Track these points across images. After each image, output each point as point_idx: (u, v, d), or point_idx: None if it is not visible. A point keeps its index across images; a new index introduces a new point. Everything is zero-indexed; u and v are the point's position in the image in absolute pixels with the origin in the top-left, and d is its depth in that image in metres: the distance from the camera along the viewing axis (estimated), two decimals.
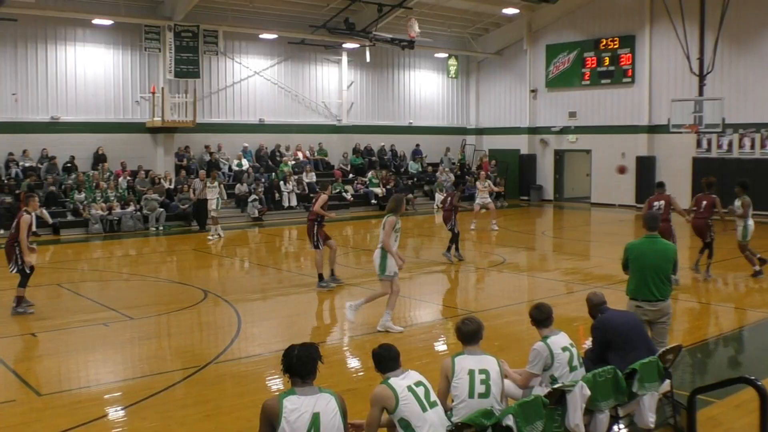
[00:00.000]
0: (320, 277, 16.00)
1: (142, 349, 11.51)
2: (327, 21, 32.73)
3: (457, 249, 19.48)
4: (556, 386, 6.69)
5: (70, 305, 15.00)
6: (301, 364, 5.35)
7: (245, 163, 32.40)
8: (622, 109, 35.02)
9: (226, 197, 26.75)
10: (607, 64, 35.12)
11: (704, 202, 16.56)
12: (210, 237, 24.25)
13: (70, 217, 26.41)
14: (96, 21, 29.26)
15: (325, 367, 5.57)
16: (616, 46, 34.78)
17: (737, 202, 16.51)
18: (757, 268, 16.77)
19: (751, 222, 16.49)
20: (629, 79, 34.49)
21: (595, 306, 7.97)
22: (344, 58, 36.38)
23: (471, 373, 6.34)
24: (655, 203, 15.63)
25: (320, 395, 5.34)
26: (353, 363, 10.92)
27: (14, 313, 13.55)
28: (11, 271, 13.72)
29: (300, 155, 34.50)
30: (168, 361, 10.90)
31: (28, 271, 13.73)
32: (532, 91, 38.52)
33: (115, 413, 8.74)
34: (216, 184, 24.64)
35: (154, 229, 26.83)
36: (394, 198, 12.51)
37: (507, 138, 39.66)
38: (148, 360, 10.94)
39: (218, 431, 8.03)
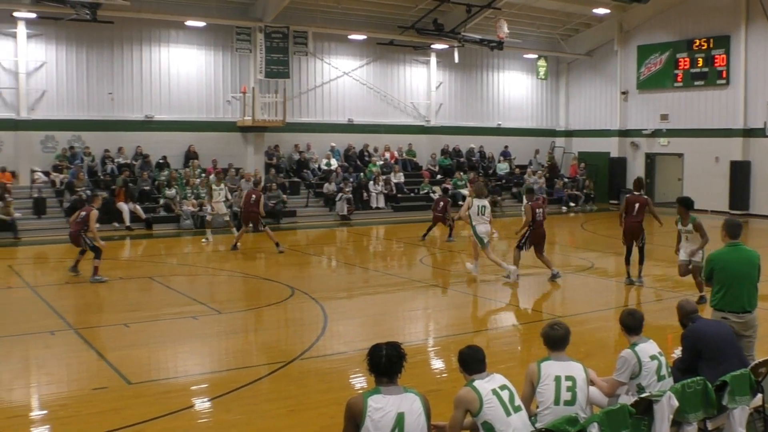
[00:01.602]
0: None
1: (229, 343, 11.71)
2: (415, 22, 32.78)
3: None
4: (643, 395, 6.53)
5: (160, 298, 15.36)
6: (390, 364, 5.35)
7: (334, 163, 32.63)
8: (715, 112, 34.08)
9: (231, 198, 26.55)
10: (700, 65, 34.21)
11: (637, 204, 15.98)
12: (204, 240, 23.46)
13: (162, 213, 27.06)
14: (189, 23, 29.89)
15: (409, 367, 5.56)
16: (710, 47, 33.86)
17: (689, 226, 14.09)
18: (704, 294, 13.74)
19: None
20: (723, 81, 33.51)
21: (687, 314, 7.71)
22: (433, 59, 36.35)
23: (557, 379, 6.24)
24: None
25: (405, 395, 5.33)
26: (437, 364, 10.89)
27: (92, 281, 16.05)
28: (85, 249, 16.43)
29: (388, 155, 34.60)
30: (254, 356, 11.06)
31: (100, 248, 16.38)
32: (623, 92, 37.79)
33: (201, 404, 8.90)
34: (222, 186, 24.09)
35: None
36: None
37: (597, 140, 38.99)
38: (235, 354, 11.11)
39: (301, 426, 8.09)
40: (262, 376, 9.68)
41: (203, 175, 28.87)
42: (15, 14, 26.73)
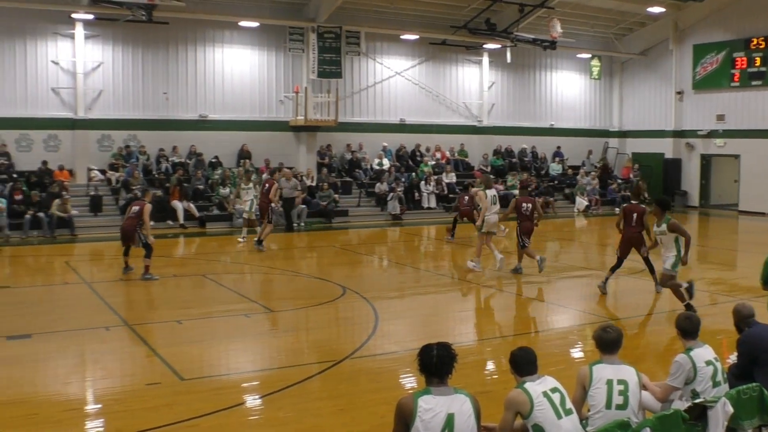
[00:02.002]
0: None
1: (280, 341, 11.79)
2: (468, 21, 32.70)
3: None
4: (697, 401, 6.43)
5: (213, 295, 15.51)
6: (441, 364, 5.34)
7: (386, 163, 32.67)
8: None
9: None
10: (758, 64, 33.50)
11: (635, 214, 14.95)
12: (240, 239, 23.35)
13: (215, 211, 27.34)
14: (242, 23, 30.16)
15: (459, 367, 5.55)
16: (767, 46, 33.23)
17: (662, 227, 13.31)
18: (688, 300, 13.35)
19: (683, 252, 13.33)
20: None
21: (744, 318, 7.53)
22: (485, 59, 36.20)
23: (609, 383, 6.18)
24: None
25: (455, 396, 5.32)
26: (488, 365, 10.85)
27: (144, 279, 16.18)
28: (138, 245, 16.44)
29: (440, 155, 34.56)
30: (305, 354, 11.12)
31: (151, 245, 16.42)
32: (678, 92, 37.21)
33: (253, 401, 8.98)
34: (251, 185, 23.81)
35: (295, 224, 27.38)
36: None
37: (651, 141, 38.45)
38: (286, 352, 11.18)
39: (351, 425, 8.12)
40: (312, 375, 9.73)
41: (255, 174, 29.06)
42: (73, 16, 27.24)
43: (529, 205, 17.69)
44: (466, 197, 23.61)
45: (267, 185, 21.65)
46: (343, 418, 8.27)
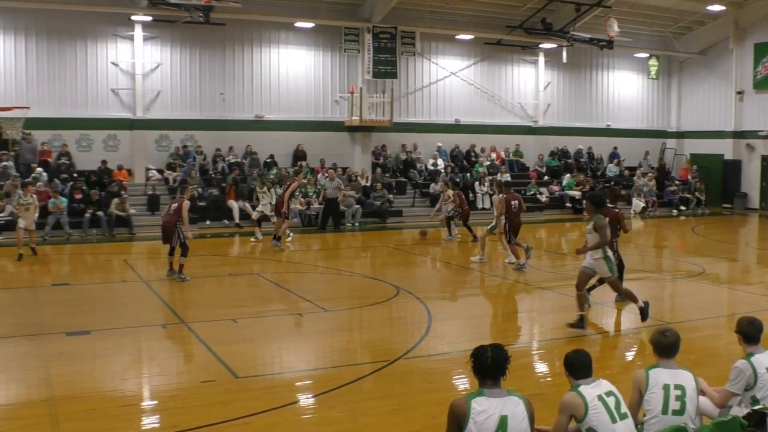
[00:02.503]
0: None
1: (333, 341, 11.83)
2: (524, 21, 32.50)
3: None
4: (756, 408, 6.30)
5: (267, 294, 15.63)
6: (495, 365, 5.32)
7: (440, 163, 32.63)
8: None
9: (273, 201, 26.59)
10: None
11: (607, 219, 12.91)
12: (253, 239, 23.29)
13: (270, 211, 27.49)
14: (298, 24, 30.38)
15: (513, 369, 5.52)
16: None
17: (589, 225, 12.01)
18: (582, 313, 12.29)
19: (610, 253, 12.20)
20: None
21: None
22: (541, 59, 35.97)
23: (666, 387, 6.08)
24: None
25: (509, 398, 5.29)
26: (541, 367, 10.77)
27: (179, 279, 16.18)
28: (175, 244, 16.28)
29: (495, 156, 34.40)
30: (358, 354, 11.14)
31: (188, 245, 16.37)
32: (739, 92, 36.50)
33: (306, 400, 9.02)
34: (265, 189, 23.79)
35: (350, 224, 27.47)
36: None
37: (710, 142, 37.77)
38: (339, 351, 11.21)
39: (404, 425, 8.11)
40: (365, 375, 9.74)
41: (310, 175, 29.23)
42: (133, 18, 27.70)
43: (517, 202, 18.51)
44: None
45: (288, 184, 21.79)
46: (396, 419, 8.27)
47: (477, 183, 31.56)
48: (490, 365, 5.32)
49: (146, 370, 10.39)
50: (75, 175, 26.68)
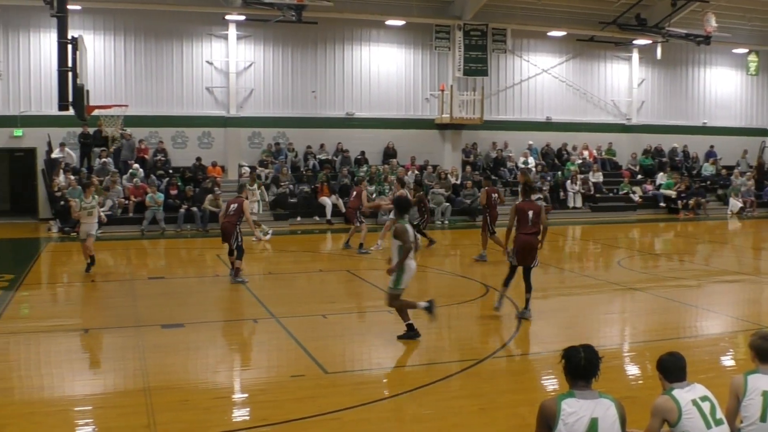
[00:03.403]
0: None
1: (423, 338, 11.81)
2: (617, 17, 31.96)
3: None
4: None
5: (358, 291, 15.73)
6: (589, 366, 5.24)
7: (531, 161, 32.35)
8: None
9: (267, 199, 26.31)
10: None
11: (530, 212, 12.61)
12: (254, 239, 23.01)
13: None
14: (389, 22, 30.50)
15: (604, 371, 5.42)
16: None
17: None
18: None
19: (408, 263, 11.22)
20: None
21: None
22: (635, 55, 35.32)
23: (765, 394, 5.87)
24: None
25: (600, 400, 5.21)
26: (632, 370, 10.56)
27: (233, 282, 15.69)
28: (233, 245, 15.77)
29: (587, 154, 33.92)
30: (446, 352, 11.12)
31: (243, 249, 15.99)
32: None
33: (394, 397, 9.03)
34: (255, 187, 23.54)
35: (439, 222, 27.44)
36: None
37: None
38: (427, 349, 11.20)
39: (492, 425, 8.06)
40: (453, 373, 9.71)
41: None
42: (227, 17, 28.23)
43: (496, 195, 19.62)
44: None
45: (355, 192, 21.64)
46: (484, 418, 8.23)
47: (568, 182, 31.15)
48: (584, 366, 5.24)
49: (238, 363, 10.56)
50: (170, 171, 27.34)
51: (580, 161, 33.16)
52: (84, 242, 16.63)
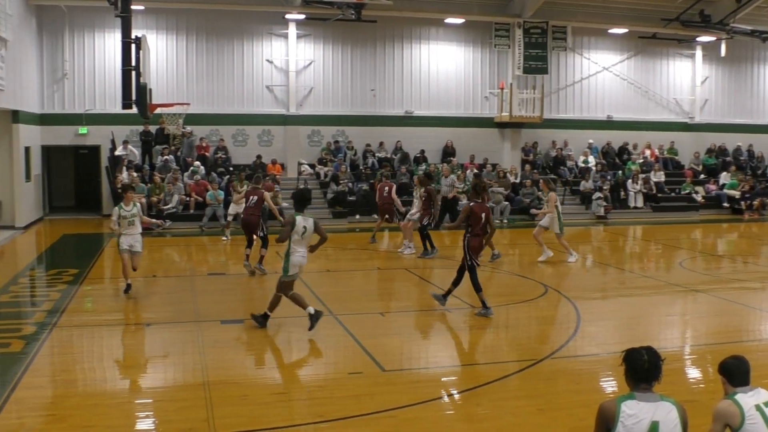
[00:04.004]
0: None
1: (479, 338, 11.80)
2: (680, 13, 31.48)
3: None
4: None
5: (415, 289, 15.73)
6: (653, 369, 5.15)
7: (591, 160, 32.04)
8: None
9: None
10: None
11: (483, 215, 12.91)
12: (224, 239, 22.56)
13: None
14: (448, 20, 30.43)
15: (664, 374, 5.34)
16: None
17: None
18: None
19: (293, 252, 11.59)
20: None
21: None
22: (698, 52, 34.73)
23: None
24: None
25: (661, 403, 5.12)
26: (694, 373, 10.41)
27: (257, 269, 16.40)
28: (258, 234, 16.66)
29: (648, 153, 33.48)
30: (504, 352, 11.07)
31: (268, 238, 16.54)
32: None
33: (451, 396, 9.02)
34: (245, 187, 22.58)
35: (498, 221, 27.33)
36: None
37: None
38: (485, 349, 11.18)
39: (550, 426, 8.01)
40: (511, 373, 9.67)
41: (459, 170, 29.24)
42: (287, 16, 28.45)
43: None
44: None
45: (387, 188, 21.66)
46: (542, 419, 8.18)
47: (629, 181, 30.76)
48: (646, 369, 5.15)
49: (295, 359, 10.64)
50: (231, 168, 27.62)
51: (641, 160, 32.74)
52: (123, 255, 13.97)
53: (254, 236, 16.78)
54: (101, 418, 7.99)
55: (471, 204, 13.04)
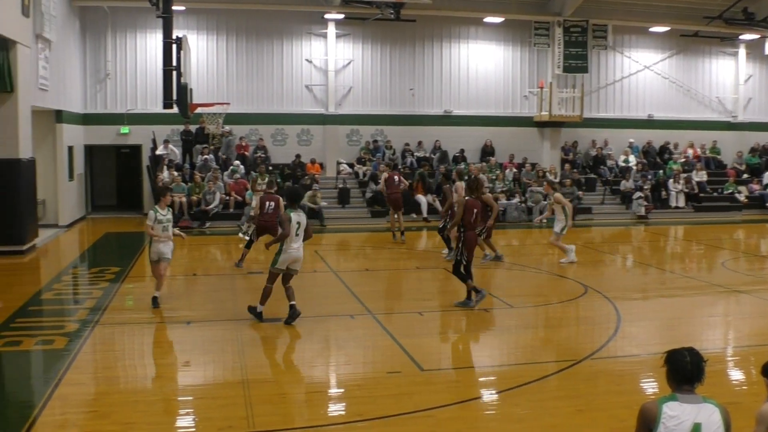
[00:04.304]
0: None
1: (518, 338, 11.74)
2: (723, 11, 31.06)
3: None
4: None
5: (454, 289, 15.65)
6: (697, 370, 5.09)
7: (632, 160, 31.76)
8: None
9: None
10: None
11: (475, 210, 13.12)
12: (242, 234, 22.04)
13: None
14: (487, 19, 30.33)
15: (706, 376, 5.26)
16: None
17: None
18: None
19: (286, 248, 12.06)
20: None
21: None
22: (741, 51, 34.29)
23: None
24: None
25: (703, 405, 5.06)
26: (736, 375, 10.27)
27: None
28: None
29: (690, 153, 33.11)
30: (543, 352, 11.00)
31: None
32: None
33: (489, 396, 8.99)
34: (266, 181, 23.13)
35: (537, 221, 27.13)
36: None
37: None
38: (524, 349, 11.12)
39: (590, 427, 7.95)
40: (550, 373, 9.61)
41: (498, 170, 29.15)
42: (326, 16, 28.53)
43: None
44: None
45: (396, 178, 21.71)
46: (582, 419, 8.12)
47: (671, 180, 30.44)
48: (691, 370, 5.09)
49: (334, 358, 10.66)
50: (270, 168, 27.75)
51: (682, 160, 32.39)
52: (153, 267, 13.16)
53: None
54: (142, 414, 8.07)
55: (466, 198, 13.24)
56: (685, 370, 5.09)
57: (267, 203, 16.72)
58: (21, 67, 18.54)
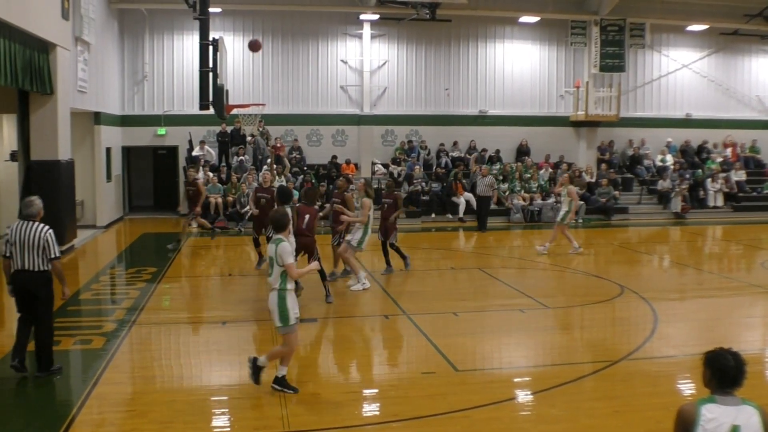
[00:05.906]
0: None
1: (554, 338, 11.68)
2: (764, 9, 30.64)
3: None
4: None
5: (489, 289, 15.64)
6: (738, 373, 5.02)
7: (669, 159, 31.47)
8: None
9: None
10: None
11: (307, 216, 14.12)
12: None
13: (492, 206, 27.46)
14: (523, 18, 30.21)
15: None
16: None
17: None
18: None
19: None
20: None
21: None
22: None
23: None
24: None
25: (743, 407, 4.99)
26: None
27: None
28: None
29: (729, 152, 32.72)
30: (579, 353, 10.94)
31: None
32: None
33: (524, 397, 8.96)
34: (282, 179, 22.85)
35: (573, 221, 26.99)
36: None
37: None
38: (560, 349, 11.06)
39: (626, 428, 7.90)
40: (586, 374, 9.56)
41: (533, 170, 29.03)
42: (361, 17, 28.57)
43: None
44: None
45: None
46: (618, 421, 8.07)
47: (709, 180, 30.11)
48: (733, 372, 5.01)
49: (369, 359, 10.68)
50: (305, 168, 27.85)
51: (721, 159, 32.04)
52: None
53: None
54: (179, 414, 8.13)
55: (298, 205, 14.35)
56: (729, 373, 5.02)
57: (305, 215, 16.40)
58: (60, 70, 18.74)
